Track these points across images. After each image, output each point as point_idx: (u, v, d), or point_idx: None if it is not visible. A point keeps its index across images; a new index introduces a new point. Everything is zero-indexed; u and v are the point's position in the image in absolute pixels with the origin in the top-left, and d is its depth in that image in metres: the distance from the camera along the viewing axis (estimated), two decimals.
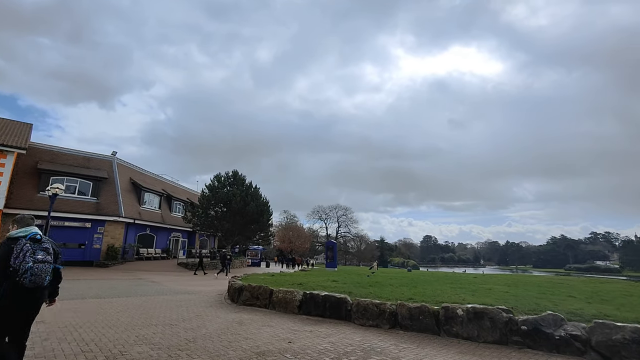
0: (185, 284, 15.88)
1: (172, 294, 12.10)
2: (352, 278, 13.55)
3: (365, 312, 7.23)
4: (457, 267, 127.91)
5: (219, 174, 33.53)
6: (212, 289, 13.73)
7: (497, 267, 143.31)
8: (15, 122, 26.18)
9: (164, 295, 11.67)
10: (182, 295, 11.76)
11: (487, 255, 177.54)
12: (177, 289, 13.80)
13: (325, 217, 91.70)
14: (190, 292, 12.57)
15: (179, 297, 11.05)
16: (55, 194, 15.76)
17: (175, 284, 15.69)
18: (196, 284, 16.49)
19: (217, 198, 31.75)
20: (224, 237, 32.78)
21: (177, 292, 12.71)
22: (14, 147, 20.93)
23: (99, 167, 27.85)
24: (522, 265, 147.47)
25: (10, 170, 21.11)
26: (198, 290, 13.48)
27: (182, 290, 13.14)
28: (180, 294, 11.95)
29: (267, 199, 34.11)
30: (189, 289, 13.94)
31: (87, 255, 25.25)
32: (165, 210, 34.51)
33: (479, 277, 18.05)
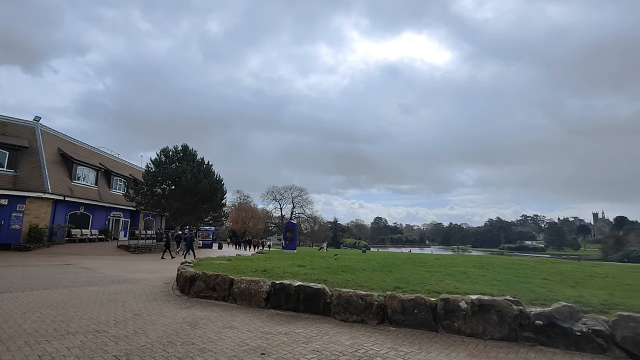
0: (125, 270, 13.71)
1: (107, 283, 10.07)
2: (318, 262, 12.43)
3: (348, 305, 6.05)
4: (404, 247, 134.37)
5: (166, 148, 30.36)
6: (157, 276, 11.83)
7: (441, 247, 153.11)
8: None
9: (95, 285, 9.62)
10: (119, 285, 9.80)
11: (432, 236, 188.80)
12: (114, 276, 11.69)
13: (280, 198, 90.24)
14: (130, 281, 10.60)
15: (114, 288, 9.11)
16: None
17: (113, 270, 13.47)
18: (139, 269, 14.36)
19: (164, 174, 28.79)
20: (173, 217, 30.08)
21: (113, 280, 10.67)
22: None
23: (17, 134, 23.57)
24: (463, 245, 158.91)
25: None
26: (140, 277, 11.50)
27: (119, 279, 11.10)
28: (116, 284, 9.97)
29: (220, 177, 31.74)
30: (129, 276, 11.89)
31: (2, 237, 21.49)
32: (103, 187, 30.75)
33: (442, 259, 17.93)
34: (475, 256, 27.13)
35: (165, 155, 29.99)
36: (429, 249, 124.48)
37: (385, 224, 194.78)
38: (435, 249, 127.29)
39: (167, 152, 30.18)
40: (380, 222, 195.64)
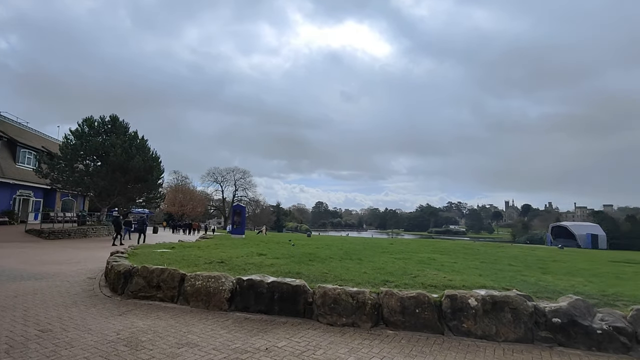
0: (33, 261, 11.09)
1: (8, 280, 7.75)
2: (278, 249, 11.19)
3: (335, 305, 4.96)
4: (343, 231, 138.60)
5: (90, 118, 26.12)
6: (78, 269, 9.61)
7: (377, 231, 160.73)
8: None
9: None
10: (23, 282, 7.57)
11: (369, 220, 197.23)
12: (17, 270, 9.22)
13: (222, 180, 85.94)
14: (39, 276, 8.34)
15: (15, 288, 6.94)
16: None
17: (16, 261, 10.78)
18: (53, 259, 11.75)
19: (88, 148, 24.79)
20: (99, 197, 26.26)
21: (14, 276, 8.31)
22: None
23: None
24: (397, 230, 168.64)
25: None
26: (54, 271, 9.21)
27: (24, 273, 8.73)
28: (19, 281, 7.71)
29: (157, 154, 28.38)
30: (39, 269, 9.49)
31: None
32: (5, 160, 25.61)
33: (396, 244, 17.80)
34: (423, 240, 28.12)
35: (89, 125, 25.79)
36: (367, 233, 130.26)
37: (326, 209, 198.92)
38: (373, 233, 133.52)
39: (92, 122, 25.98)
40: (322, 206, 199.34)
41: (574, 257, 13.82)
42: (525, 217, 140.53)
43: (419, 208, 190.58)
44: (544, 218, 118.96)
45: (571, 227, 61.62)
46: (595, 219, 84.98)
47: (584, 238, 50.04)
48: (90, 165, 26.01)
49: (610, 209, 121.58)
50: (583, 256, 14.80)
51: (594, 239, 50.11)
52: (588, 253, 19.40)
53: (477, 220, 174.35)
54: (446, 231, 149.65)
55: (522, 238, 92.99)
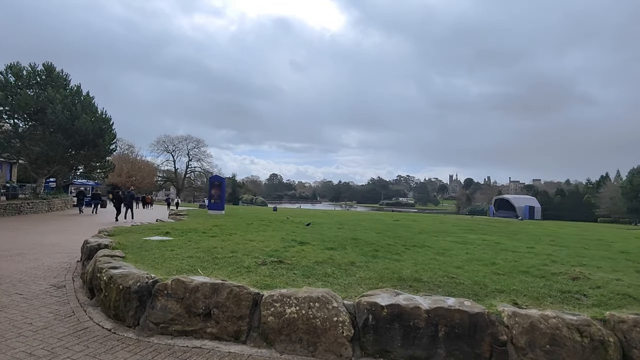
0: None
1: None
2: (301, 232, 8.91)
3: (554, 347, 2.97)
4: (297, 203, 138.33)
5: (17, 64, 20.63)
6: (31, 268, 6.60)
7: (331, 203, 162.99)
8: None
9: None
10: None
11: (322, 192, 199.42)
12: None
13: (174, 149, 79.02)
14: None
15: None
16: None
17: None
18: None
19: (16, 103, 19.64)
20: (35, 165, 21.38)
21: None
22: None
23: None
24: (350, 202, 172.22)
25: None
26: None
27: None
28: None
29: (108, 114, 23.66)
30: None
31: None
32: None
33: (402, 219, 16.37)
34: (425, 215, 27.33)
35: (15, 75, 20.39)
36: (321, 205, 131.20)
37: (280, 181, 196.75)
38: (326, 205, 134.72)
39: (19, 70, 20.58)
40: (275, 178, 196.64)
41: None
42: (467, 190, 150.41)
43: (370, 181, 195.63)
44: (485, 191, 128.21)
45: (512, 199, 66.57)
46: (529, 192, 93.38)
47: (523, 210, 54.06)
48: (19, 125, 20.91)
49: (539, 183, 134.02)
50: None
51: (531, 211, 54.34)
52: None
53: (424, 193, 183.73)
54: (396, 203, 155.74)
55: (466, 209, 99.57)
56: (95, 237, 7.12)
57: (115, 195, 19.01)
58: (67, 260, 7.49)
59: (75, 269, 6.56)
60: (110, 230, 8.57)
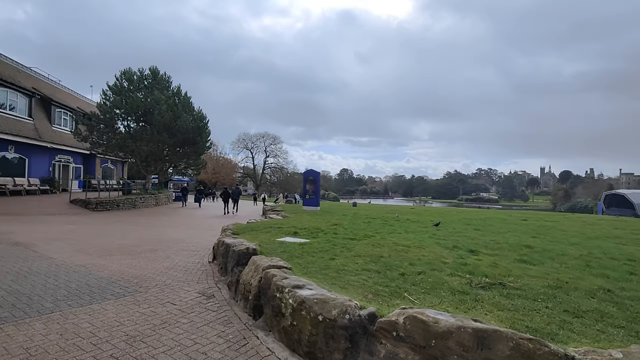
0: (97, 249, 7.87)
1: (67, 301, 4.40)
2: (441, 234, 7.43)
3: None
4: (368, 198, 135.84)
5: (129, 70, 22.52)
6: (169, 268, 6.24)
7: (403, 199, 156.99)
8: None
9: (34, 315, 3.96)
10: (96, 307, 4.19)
11: (394, 187, 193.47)
12: (81, 270, 5.94)
13: (252, 147, 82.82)
14: (123, 289, 4.98)
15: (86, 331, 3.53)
16: None
17: (73, 249, 7.59)
18: (120, 245, 8.51)
19: (129, 105, 21.41)
20: (144, 163, 23.23)
21: (79, 289, 4.99)
22: None
23: None
24: (424, 197, 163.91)
25: None
26: (136, 274, 5.86)
27: (95, 281, 5.42)
28: (90, 304, 4.34)
29: (203, 112, 24.73)
30: (112, 268, 6.20)
31: None
32: (41, 121, 22.72)
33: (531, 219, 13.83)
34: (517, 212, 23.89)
35: (127, 79, 22.26)
36: (392, 200, 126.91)
37: (350, 176, 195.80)
38: (399, 200, 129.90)
39: (131, 75, 22.41)
40: (346, 173, 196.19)
41: None
42: (564, 184, 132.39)
43: (446, 175, 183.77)
44: (587, 185, 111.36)
45: (630, 195, 55.94)
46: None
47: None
48: (132, 127, 22.83)
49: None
50: None
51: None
52: None
53: (510, 188, 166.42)
54: (477, 199, 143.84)
55: (565, 206, 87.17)
56: (228, 237, 6.54)
57: (224, 191, 19.84)
58: (198, 261, 7.09)
59: (213, 274, 6.01)
60: (233, 228, 8.09)
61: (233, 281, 4.73)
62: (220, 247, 6.04)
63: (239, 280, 4.52)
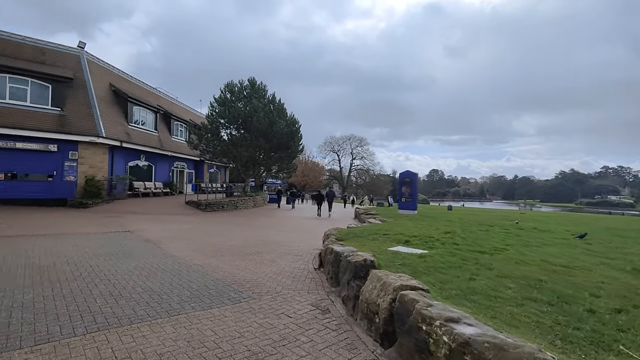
0: (212, 248, 8.39)
1: (192, 302, 4.53)
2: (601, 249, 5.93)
3: None
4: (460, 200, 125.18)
5: (231, 82, 24.57)
6: (274, 273, 6.19)
7: (504, 202, 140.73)
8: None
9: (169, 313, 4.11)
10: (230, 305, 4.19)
11: (492, 189, 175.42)
12: (206, 274, 6.27)
13: (339, 149, 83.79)
14: (240, 293, 5.02)
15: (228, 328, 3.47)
16: None
17: (192, 248, 8.20)
18: (231, 245, 8.99)
19: (231, 115, 23.30)
20: (244, 167, 25.05)
21: (206, 288, 5.16)
22: None
23: (59, 64, 18.90)
24: (530, 200, 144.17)
25: None
26: (249, 277, 5.93)
27: (219, 282, 5.61)
28: (210, 308, 4.38)
29: (295, 116, 25.59)
30: (227, 270, 6.43)
31: (56, 192, 17.70)
32: (164, 133, 26.30)
33: None
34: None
35: (230, 91, 24.30)
36: (491, 204, 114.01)
37: (441, 177, 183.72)
38: (499, 204, 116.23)
39: (232, 87, 24.42)
40: (436, 174, 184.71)
41: None
42: None
43: (559, 174, 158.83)
44: None
45: None
46: None
47: None
48: (234, 135, 24.80)
49: None
50: None
51: None
52: None
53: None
54: (601, 202, 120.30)
55: None
56: (335, 244, 6.23)
57: (317, 194, 20.24)
58: (303, 266, 6.96)
59: (322, 283, 5.74)
60: (336, 233, 7.80)
61: (349, 296, 4.33)
62: (329, 255, 5.74)
63: (357, 296, 4.10)
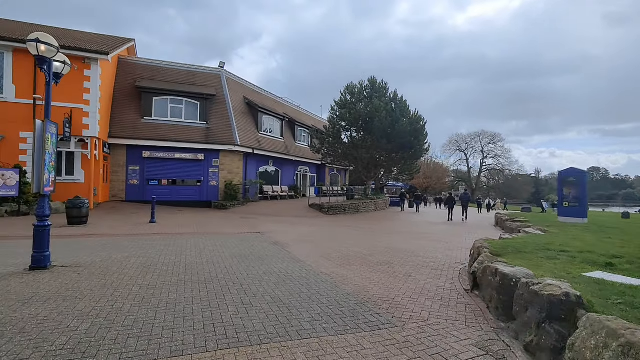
0: (343, 255, 7.77)
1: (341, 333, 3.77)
2: None
3: None
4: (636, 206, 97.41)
5: (351, 84, 24.37)
6: (418, 286, 5.02)
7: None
8: (117, 37, 21.68)
9: None
10: None
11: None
12: (338, 279, 5.60)
13: (466, 147, 76.02)
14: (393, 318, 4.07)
15: None
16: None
17: (317, 253, 7.70)
18: (375, 247, 8.24)
19: (351, 117, 23.03)
20: (364, 170, 24.48)
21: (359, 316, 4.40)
22: (93, 51, 15.51)
23: (205, 84, 21.87)
24: None
25: (98, 86, 16.09)
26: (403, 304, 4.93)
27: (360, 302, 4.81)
28: None
29: (419, 114, 23.67)
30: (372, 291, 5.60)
31: (204, 195, 20.39)
32: (288, 139, 27.95)
33: None
34: None
35: (350, 93, 24.11)
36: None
37: (604, 176, 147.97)
38: None
39: (353, 89, 24.18)
40: (597, 173, 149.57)
41: None
42: None
43: None
44: None
45: None
46: None
47: None
48: (355, 137, 24.51)
49: None
50: None
51: None
52: None
53: None
54: None
55: None
56: (498, 262, 4.70)
57: (448, 198, 18.20)
58: (448, 285, 5.58)
59: (483, 314, 4.33)
60: (489, 245, 6.15)
61: (543, 346, 2.88)
62: (491, 277, 4.29)
63: (560, 349, 2.65)
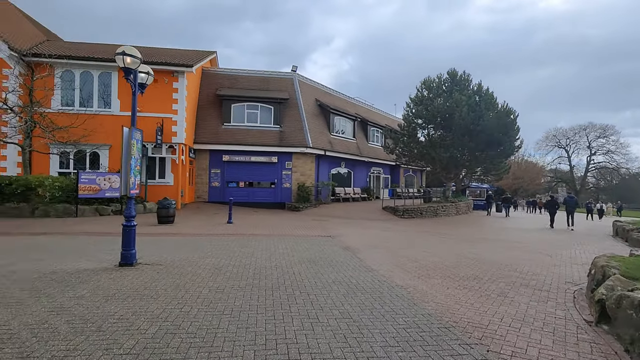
0: (421, 266, 6.87)
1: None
2: None
3: None
4: None
5: (428, 78, 22.69)
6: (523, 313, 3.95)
7: None
8: (200, 51, 23.51)
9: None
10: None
11: None
12: (416, 294, 4.80)
13: (568, 143, 66.15)
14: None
15: None
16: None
17: (393, 262, 6.92)
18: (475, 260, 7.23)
19: (428, 113, 21.40)
20: (443, 170, 22.57)
21: None
22: (180, 65, 16.91)
23: (279, 88, 22.40)
24: None
25: (184, 96, 17.49)
26: None
27: None
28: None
29: (509, 106, 20.94)
30: None
31: (278, 196, 20.82)
32: (360, 140, 27.23)
33: None
34: None
35: (427, 88, 22.46)
36: None
37: None
38: None
39: (430, 83, 22.50)
40: None
41: None
42: None
43: None
44: None
45: None
46: None
47: None
48: (433, 136, 22.76)
49: None
50: None
51: None
52: None
53: None
54: None
55: None
56: None
57: (550, 201, 15.71)
58: (561, 313, 4.35)
59: (618, 359, 3.15)
60: (618, 265, 4.69)
61: None
62: (635, 312, 3.10)
63: None
